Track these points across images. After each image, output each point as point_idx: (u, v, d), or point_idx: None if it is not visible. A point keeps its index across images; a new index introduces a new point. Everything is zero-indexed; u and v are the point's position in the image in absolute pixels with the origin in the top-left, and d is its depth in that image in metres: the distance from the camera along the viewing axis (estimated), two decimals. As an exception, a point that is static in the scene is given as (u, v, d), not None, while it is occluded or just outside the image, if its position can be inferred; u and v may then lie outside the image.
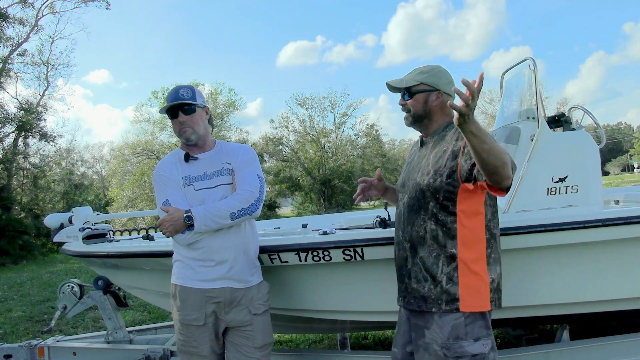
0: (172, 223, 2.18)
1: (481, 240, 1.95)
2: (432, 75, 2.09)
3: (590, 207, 2.75)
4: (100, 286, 3.39)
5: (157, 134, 26.64)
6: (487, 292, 1.95)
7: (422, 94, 2.08)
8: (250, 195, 2.23)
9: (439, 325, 1.94)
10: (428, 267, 1.96)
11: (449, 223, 1.94)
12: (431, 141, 2.09)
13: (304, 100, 29.77)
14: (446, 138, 2.01)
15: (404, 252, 2.05)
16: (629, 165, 64.73)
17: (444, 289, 1.93)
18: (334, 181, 29.55)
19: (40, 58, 20.28)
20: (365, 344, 4.39)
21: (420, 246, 1.99)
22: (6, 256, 14.78)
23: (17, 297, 7.73)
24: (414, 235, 2.01)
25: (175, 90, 2.31)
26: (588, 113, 3.14)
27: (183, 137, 2.30)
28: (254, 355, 2.28)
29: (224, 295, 2.25)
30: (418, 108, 2.09)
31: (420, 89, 2.08)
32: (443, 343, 1.91)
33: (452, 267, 1.93)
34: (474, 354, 1.90)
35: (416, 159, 2.14)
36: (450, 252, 1.94)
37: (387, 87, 2.17)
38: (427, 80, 2.08)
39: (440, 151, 1.99)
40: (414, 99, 2.09)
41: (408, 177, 2.12)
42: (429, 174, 1.97)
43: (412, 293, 2.01)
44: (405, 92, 2.11)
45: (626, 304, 2.70)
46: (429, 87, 2.07)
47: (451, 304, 1.92)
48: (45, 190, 21.15)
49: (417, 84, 2.08)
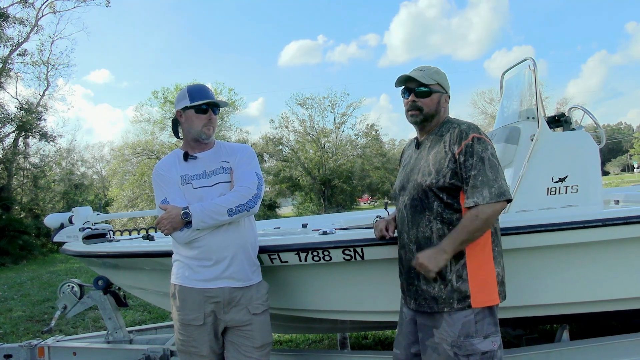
0: (170, 220, 2.19)
1: (487, 234, 1.97)
2: (442, 78, 2.13)
3: (590, 207, 2.74)
4: (100, 286, 3.39)
5: (157, 134, 26.68)
6: (495, 285, 1.97)
7: (437, 94, 2.10)
8: (248, 192, 2.23)
9: (448, 323, 1.94)
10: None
11: (455, 221, 1.95)
12: (428, 141, 2.10)
13: (304, 100, 29.81)
14: (444, 138, 2.01)
15: (411, 254, 2.04)
16: (629, 165, 64.75)
17: (454, 288, 1.93)
18: (334, 181, 29.57)
19: (40, 58, 20.34)
20: (365, 344, 4.39)
21: (428, 247, 1.98)
22: (6, 256, 14.81)
23: (17, 297, 7.74)
24: (420, 236, 2.01)
25: (205, 89, 2.38)
26: (588, 113, 3.14)
27: (205, 133, 2.32)
28: (253, 355, 2.28)
29: (223, 295, 2.25)
30: (432, 107, 2.09)
31: (436, 89, 2.09)
32: (453, 342, 1.91)
33: (460, 264, 1.94)
34: (484, 352, 1.90)
35: (413, 161, 2.13)
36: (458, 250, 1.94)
37: (402, 79, 2.11)
38: (442, 82, 2.11)
39: (440, 151, 1.99)
40: (431, 98, 2.08)
41: (407, 179, 2.11)
42: (431, 174, 1.97)
43: (423, 295, 2.01)
44: (424, 89, 2.07)
45: (626, 304, 2.70)
46: (442, 89, 2.11)
47: (463, 302, 1.93)
48: (45, 190, 21.17)
49: (435, 83, 2.09)
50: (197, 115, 2.31)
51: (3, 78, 18.53)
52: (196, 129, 2.32)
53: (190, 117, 2.33)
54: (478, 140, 1.94)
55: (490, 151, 1.95)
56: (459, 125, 2.02)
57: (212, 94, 2.39)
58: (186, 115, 2.34)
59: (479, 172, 1.89)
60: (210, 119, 2.33)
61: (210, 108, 2.33)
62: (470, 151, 1.92)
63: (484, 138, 1.96)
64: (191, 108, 2.31)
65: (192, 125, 2.33)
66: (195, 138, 2.34)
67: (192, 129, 2.33)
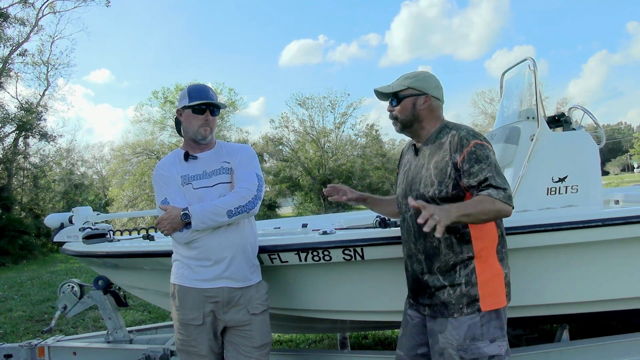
0: (169, 221, 2.18)
1: (494, 238, 1.97)
2: (418, 80, 2.06)
3: (590, 207, 2.74)
4: (101, 286, 3.39)
5: (157, 134, 26.70)
6: (503, 287, 1.96)
7: (410, 99, 2.05)
8: (248, 193, 2.23)
9: (454, 326, 1.92)
10: (446, 274, 1.95)
11: (462, 228, 1.93)
12: (426, 149, 2.05)
13: (304, 100, 29.83)
14: (444, 146, 1.97)
15: (419, 264, 2.03)
16: (628, 165, 64.74)
17: (463, 292, 1.92)
18: (334, 181, 29.51)
19: (40, 58, 20.34)
20: (365, 344, 4.39)
21: (436, 256, 1.97)
22: (6, 256, 14.81)
23: (17, 296, 7.74)
24: (427, 246, 1.99)
25: (206, 89, 2.36)
26: (588, 113, 3.14)
27: (202, 134, 2.31)
28: (252, 354, 2.28)
29: (222, 295, 2.25)
30: (406, 113, 2.06)
31: (407, 94, 2.05)
32: (459, 345, 1.90)
33: (469, 269, 1.93)
34: (491, 355, 1.89)
35: (414, 168, 2.09)
36: (467, 256, 1.93)
37: (376, 94, 2.14)
38: (414, 85, 2.05)
39: (441, 161, 1.95)
40: (402, 105, 2.06)
41: (409, 188, 2.07)
42: (434, 185, 1.94)
43: (434, 300, 2.00)
44: (393, 97, 2.08)
45: (626, 304, 2.70)
46: (416, 92, 2.05)
47: (472, 306, 1.91)
48: (45, 190, 21.18)
49: (405, 88, 2.06)
50: (194, 116, 2.31)
51: (3, 78, 18.54)
52: (193, 129, 2.31)
53: (188, 116, 2.33)
54: (481, 147, 1.89)
55: (493, 157, 1.92)
56: (458, 132, 1.96)
57: (213, 94, 2.36)
58: (185, 115, 2.34)
59: (487, 177, 1.85)
60: (207, 120, 2.31)
61: (208, 109, 2.31)
62: (475, 157, 1.87)
63: (486, 144, 1.92)
64: (189, 108, 2.31)
65: (190, 125, 2.32)
66: (192, 138, 2.34)
67: (190, 128, 2.33)
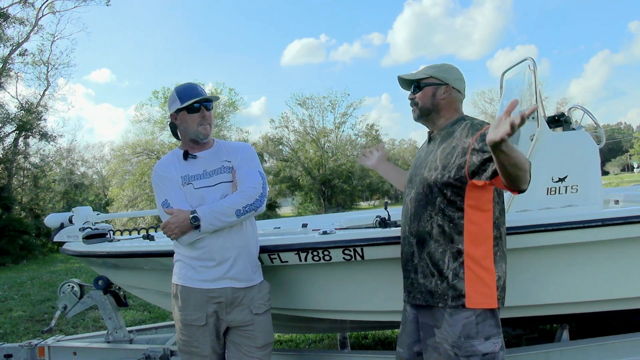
0: (178, 225, 2.16)
1: (488, 237, 1.95)
2: (442, 70, 2.13)
3: (590, 207, 2.74)
4: (101, 286, 3.39)
5: (157, 134, 26.72)
6: (494, 289, 1.95)
7: (431, 87, 2.11)
8: (254, 192, 2.24)
9: (449, 323, 1.93)
10: (435, 262, 1.96)
11: (457, 219, 1.94)
12: (439, 136, 2.10)
13: (304, 100, 29.84)
14: (455, 134, 2.01)
15: (410, 247, 2.05)
16: (628, 165, 64.73)
17: (450, 285, 1.93)
18: (334, 181, 29.59)
19: (40, 58, 20.34)
20: (365, 343, 4.39)
21: (427, 241, 1.98)
22: (6, 256, 14.81)
23: (17, 296, 7.74)
24: (420, 230, 2.01)
25: (193, 86, 2.35)
26: (588, 113, 3.14)
27: (202, 132, 2.30)
28: (255, 354, 2.28)
29: (226, 295, 2.25)
30: (426, 101, 2.11)
31: (429, 82, 2.12)
32: (454, 342, 1.91)
33: (458, 263, 1.93)
34: (484, 353, 1.89)
35: (423, 154, 2.14)
36: (457, 248, 1.93)
37: (399, 81, 2.21)
38: (436, 74, 2.11)
39: (449, 147, 1.99)
40: (423, 92, 2.12)
41: (415, 172, 2.12)
42: (437, 170, 1.97)
43: (419, 288, 2.01)
44: (415, 84, 2.14)
45: (626, 303, 2.70)
46: (438, 81, 2.11)
47: (457, 300, 1.92)
48: (45, 190, 21.18)
49: (427, 77, 2.12)
50: (190, 116, 2.30)
51: (3, 78, 18.53)
52: (192, 130, 2.30)
53: (184, 118, 2.31)
54: None
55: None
56: (471, 120, 2.03)
57: (202, 90, 2.35)
58: (180, 118, 2.32)
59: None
60: (204, 117, 2.30)
61: (202, 105, 2.30)
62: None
63: None
64: (183, 109, 2.30)
65: (188, 126, 2.31)
66: (193, 139, 2.33)
67: (189, 130, 2.31)
